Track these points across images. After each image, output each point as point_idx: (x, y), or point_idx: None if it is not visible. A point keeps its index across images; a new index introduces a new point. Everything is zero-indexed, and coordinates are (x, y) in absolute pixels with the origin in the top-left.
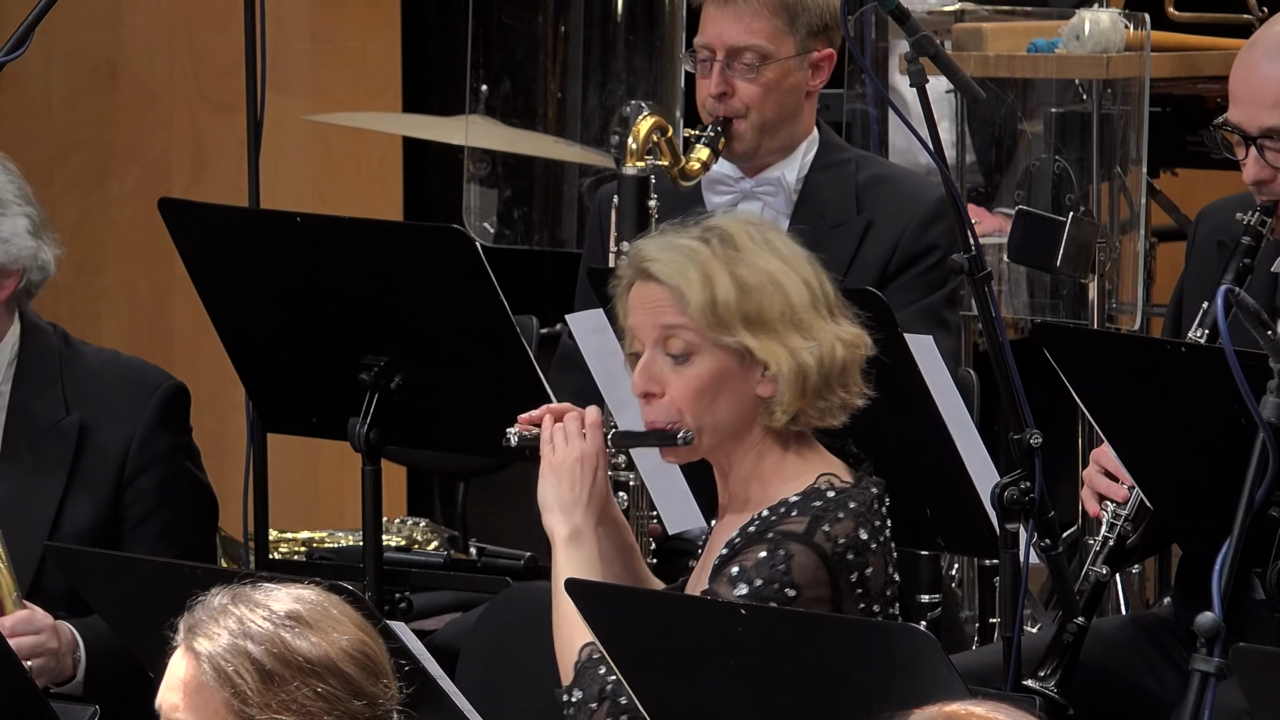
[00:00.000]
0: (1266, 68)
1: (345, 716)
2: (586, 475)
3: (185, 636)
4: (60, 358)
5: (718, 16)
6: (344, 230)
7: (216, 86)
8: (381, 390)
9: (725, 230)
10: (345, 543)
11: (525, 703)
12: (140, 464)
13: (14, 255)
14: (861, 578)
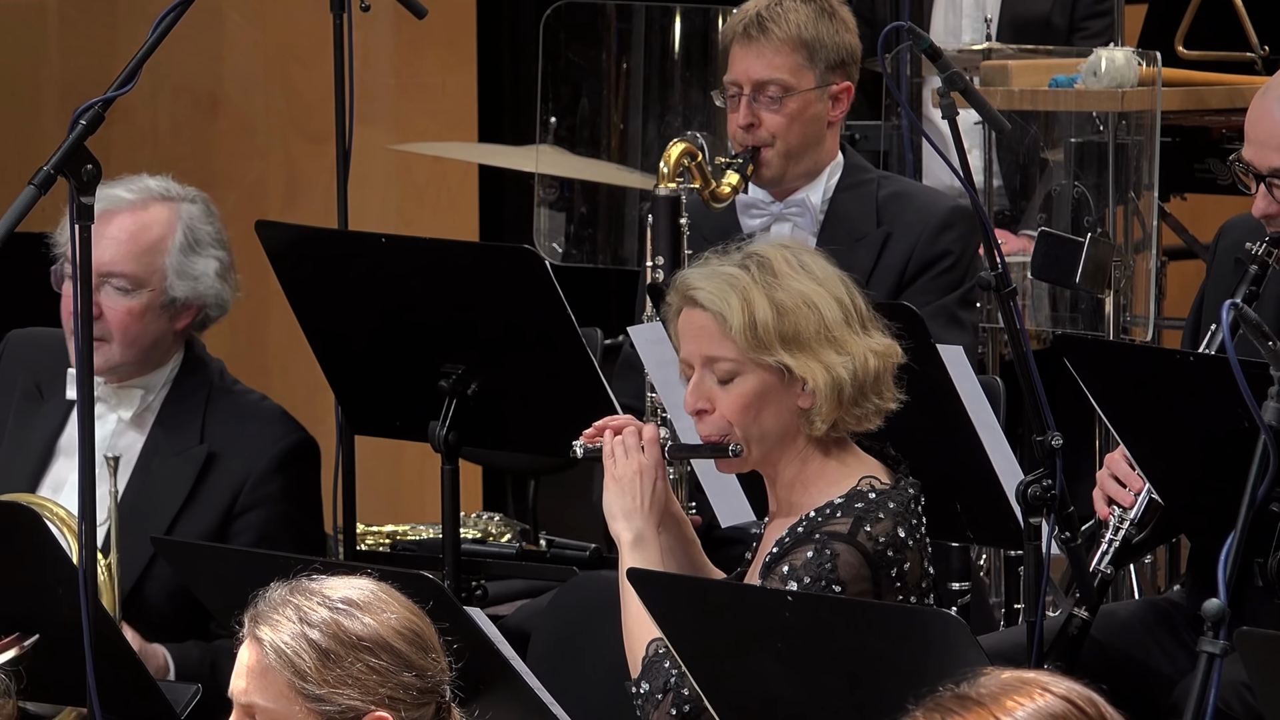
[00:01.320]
0: (1278, 112)
1: (398, 688)
2: (646, 485)
3: (250, 626)
4: (211, 392)
5: (743, 54)
6: (425, 250)
7: (308, 118)
8: (459, 396)
9: (763, 257)
10: (426, 535)
11: (589, 680)
12: (250, 501)
13: (199, 293)
14: (900, 572)
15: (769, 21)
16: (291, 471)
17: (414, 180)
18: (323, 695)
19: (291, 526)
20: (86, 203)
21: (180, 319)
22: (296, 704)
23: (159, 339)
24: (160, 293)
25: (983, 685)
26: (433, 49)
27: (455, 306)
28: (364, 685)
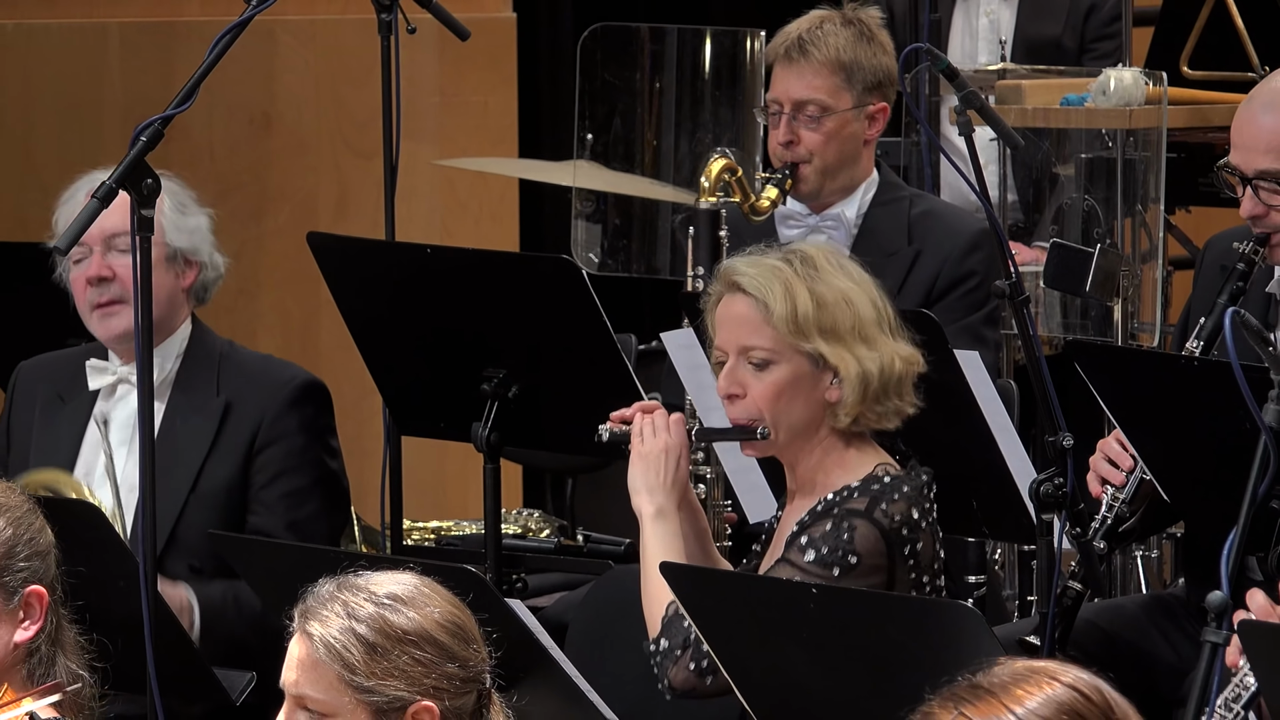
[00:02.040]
0: (1262, 118)
1: (442, 678)
2: (670, 463)
3: (299, 622)
4: (221, 356)
5: (784, 75)
6: (468, 260)
7: (357, 135)
8: (500, 398)
9: (806, 253)
10: (469, 531)
11: (624, 668)
12: (269, 438)
13: (196, 246)
14: (914, 551)
15: (810, 44)
16: (306, 408)
17: (457, 194)
18: (371, 687)
19: (310, 460)
20: (146, 215)
21: (185, 276)
22: (346, 695)
23: (171, 296)
24: (163, 246)
25: (994, 675)
26: (475, 69)
27: (497, 313)
28: (410, 677)
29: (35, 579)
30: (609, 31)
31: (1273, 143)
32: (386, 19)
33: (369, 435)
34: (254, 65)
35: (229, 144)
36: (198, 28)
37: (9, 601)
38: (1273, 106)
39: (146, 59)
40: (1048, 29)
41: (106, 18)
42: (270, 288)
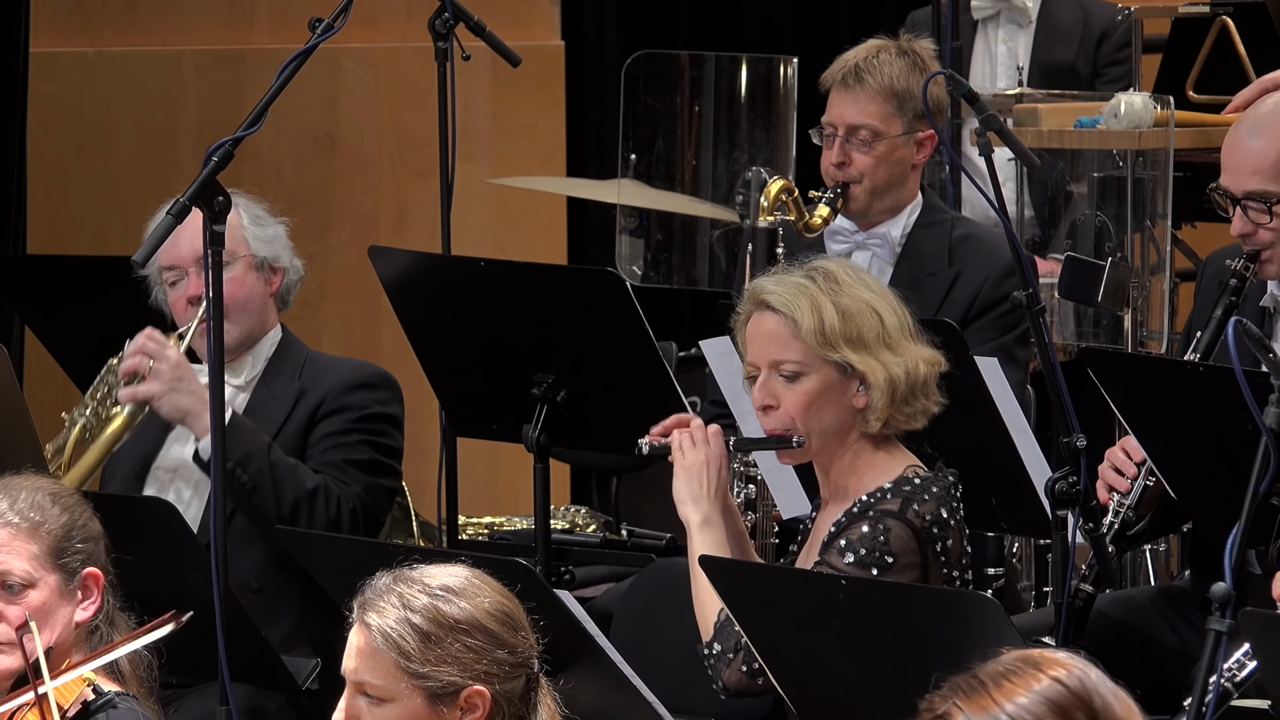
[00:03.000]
0: (1249, 142)
1: (492, 664)
2: (712, 474)
3: (358, 613)
4: (306, 356)
5: (839, 100)
6: (519, 272)
7: (415, 156)
8: (549, 402)
9: (827, 268)
10: (520, 526)
11: (666, 655)
12: (329, 409)
13: (278, 253)
14: (944, 548)
15: (865, 72)
16: (367, 393)
17: (509, 210)
18: (425, 673)
19: (363, 429)
20: (218, 230)
21: (272, 281)
22: (403, 681)
23: (262, 303)
24: (251, 258)
25: (989, 668)
26: (526, 94)
27: (546, 322)
28: (462, 663)
29: (91, 561)
30: (651, 58)
31: (1259, 165)
32: (443, 47)
33: (426, 436)
34: (319, 90)
35: (295, 163)
36: (266, 55)
37: (69, 582)
38: (1258, 131)
39: (219, 84)
40: (1062, 55)
41: (182, 45)
42: (334, 298)
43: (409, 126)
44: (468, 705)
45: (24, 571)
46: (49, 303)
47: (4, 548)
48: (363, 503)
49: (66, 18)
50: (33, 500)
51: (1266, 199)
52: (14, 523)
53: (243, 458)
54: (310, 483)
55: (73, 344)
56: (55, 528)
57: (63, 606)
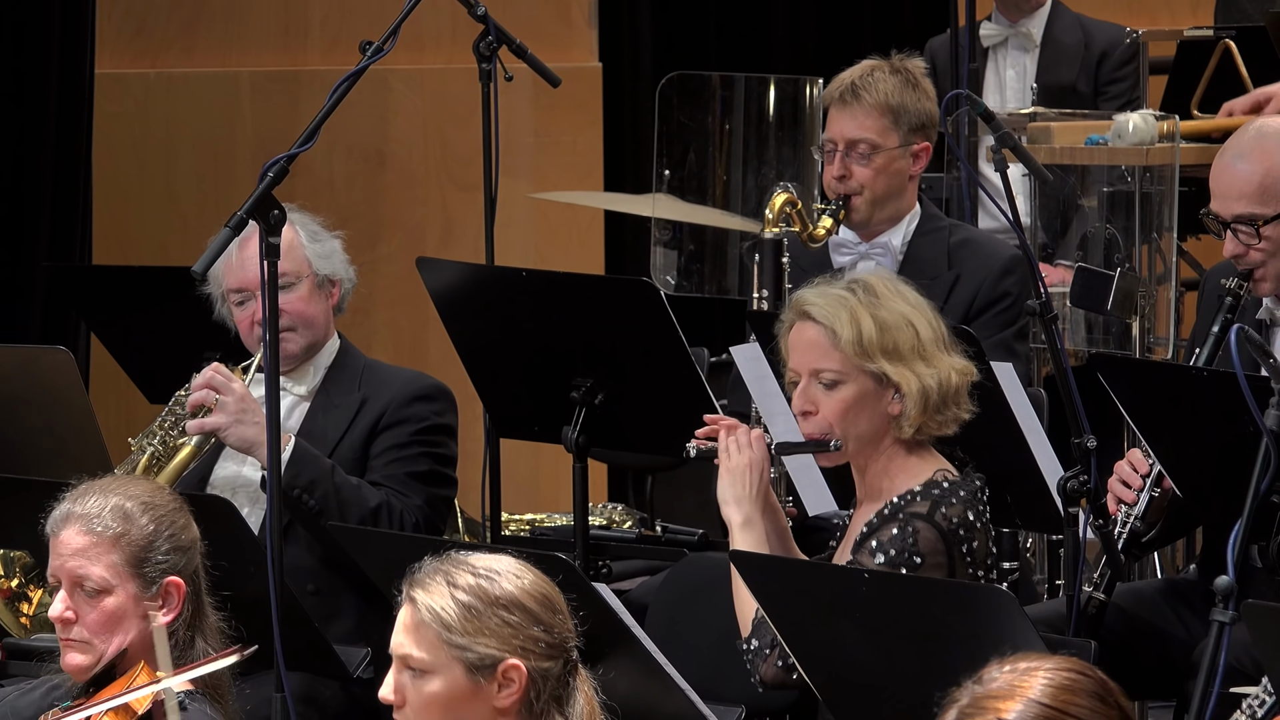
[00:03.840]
0: (1235, 167)
1: (529, 640)
2: (754, 476)
3: (406, 591)
4: (364, 365)
5: (838, 116)
6: (559, 282)
7: (461, 171)
8: (588, 405)
9: (868, 282)
10: (560, 522)
11: (698, 644)
12: (389, 421)
13: (336, 268)
14: (970, 549)
15: (861, 89)
16: (425, 405)
17: (549, 223)
18: (464, 644)
19: (422, 441)
20: (274, 242)
21: (331, 295)
22: (443, 652)
23: (325, 317)
24: (313, 276)
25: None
26: (565, 112)
27: (584, 329)
28: (499, 636)
29: (174, 571)
30: (684, 79)
31: (1245, 189)
32: (487, 68)
33: (471, 438)
34: (369, 109)
35: (347, 179)
36: (319, 76)
37: (148, 590)
38: (1243, 156)
39: (274, 103)
40: (1065, 76)
41: (239, 67)
42: (383, 307)
43: (454, 144)
44: (504, 679)
45: (100, 578)
46: (113, 311)
47: (85, 553)
48: (424, 514)
49: (129, 40)
50: (121, 509)
51: (1254, 221)
52: (98, 530)
53: (308, 484)
54: (373, 500)
55: (135, 349)
56: (138, 538)
57: (139, 612)
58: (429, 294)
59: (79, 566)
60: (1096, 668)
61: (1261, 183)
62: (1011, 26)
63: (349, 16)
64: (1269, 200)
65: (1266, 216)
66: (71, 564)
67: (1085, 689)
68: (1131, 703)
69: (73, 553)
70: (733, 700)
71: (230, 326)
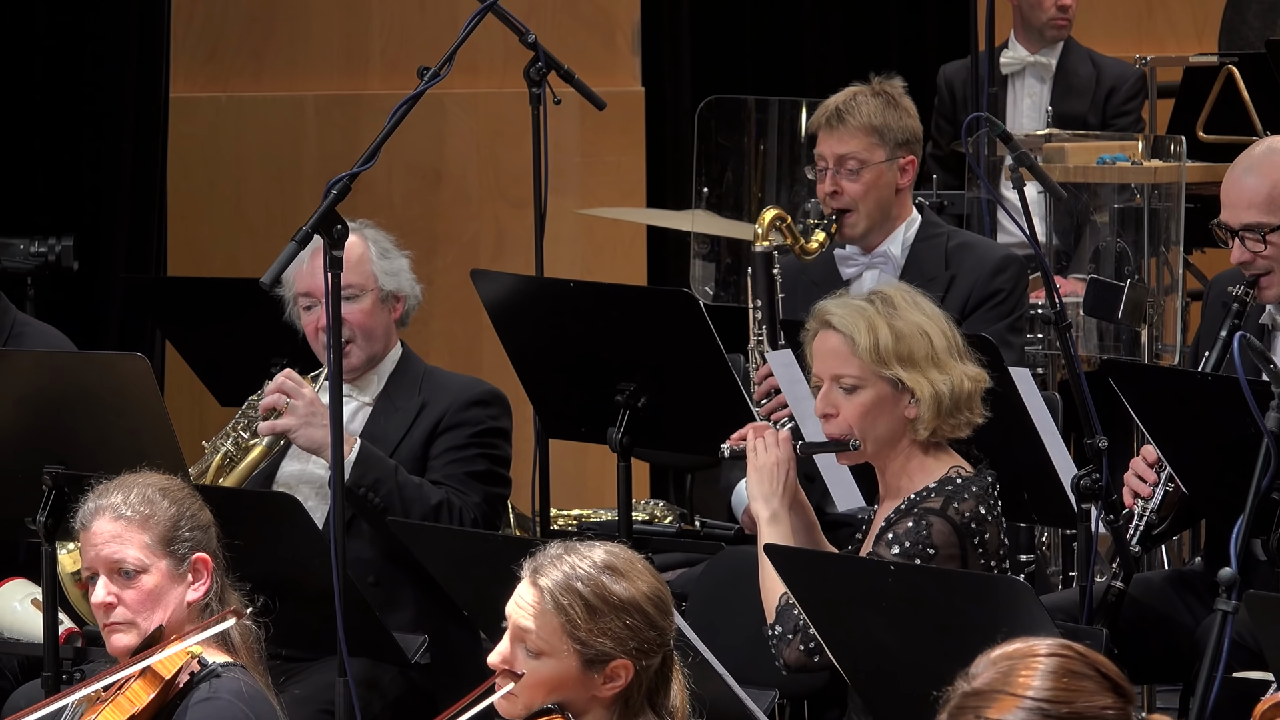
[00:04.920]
0: (1244, 180)
1: (643, 643)
2: (781, 474)
3: (530, 574)
4: (424, 372)
5: (827, 136)
6: (604, 292)
7: (512, 189)
8: (631, 408)
9: (885, 294)
10: (605, 517)
11: (734, 631)
12: (449, 424)
13: (402, 284)
14: (982, 541)
15: (845, 113)
16: (482, 409)
17: (595, 238)
18: (586, 641)
19: (479, 449)
20: (337, 255)
21: (395, 309)
22: (565, 643)
23: (387, 330)
24: (378, 290)
25: (990, 673)
26: (610, 134)
27: (628, 337)
28: (619, 638)
29: (200, 547)
30: (722, 103)
31: (1253, 200)
32: (536, 92)
33: (522, 438)
34: (426, 130)
35: (405, 196)
36: (379, 99)
37: (179, 566)
38: (1252, 170)
39: (337, 125)
40: (1076, 107)
41: (304, 91)
42: (439, 316)
43: (506, 163)
44: (612, 674)
45: (136, 559)
46: (186, 319)
47: (119, 538)
48: (482, 511)
49: (202, 66)
50: (143, 495)
51: (1261, 230)
52: (126, 515)
53: (373, 483)
54: (435, 498)
55: (207, 355)
56: (164, 518)
57: (174, 588)
58: (482, 304)
59: (115, 551)
60: (1081, 645)
61: (1269, 194)
62: (1030, 56)
63: (408, 44)
64: (1275, 210)
65: (1272, 225)
66: (107, 550)
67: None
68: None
69: (106, 540)
70: (767, 684)
71: (299, 329)
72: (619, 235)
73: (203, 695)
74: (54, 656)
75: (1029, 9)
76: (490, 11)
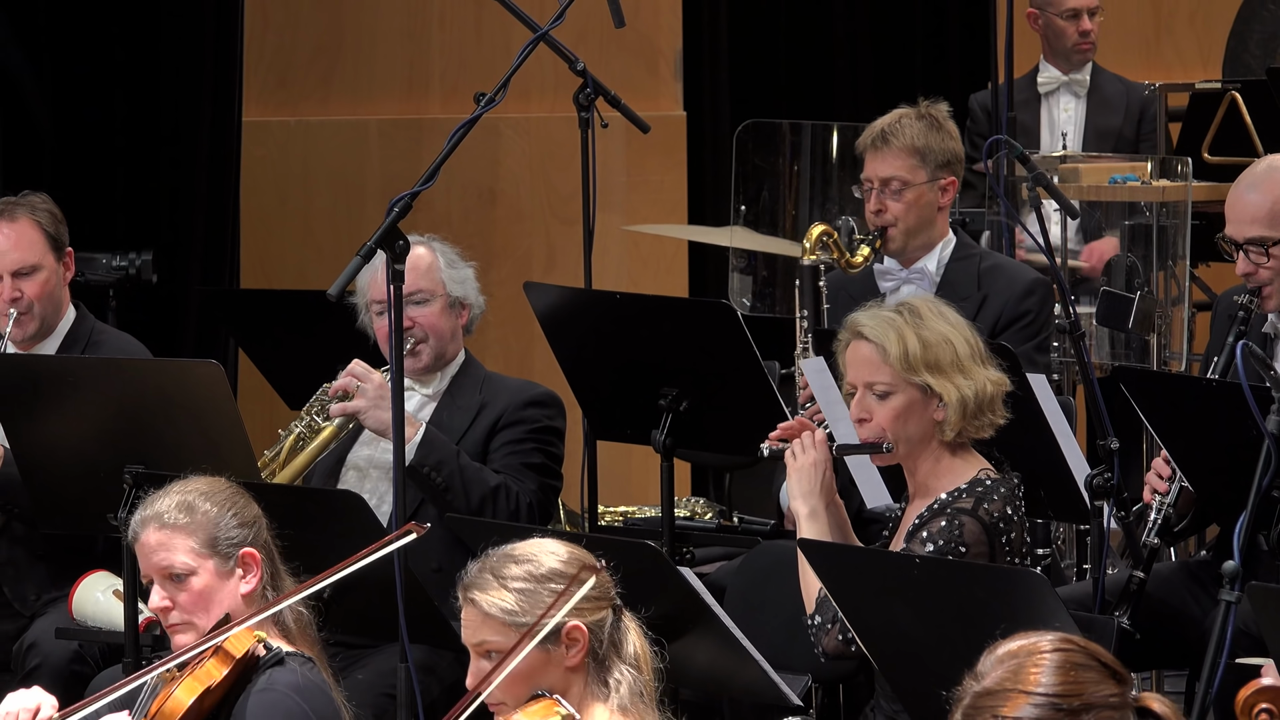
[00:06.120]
0: (1247, 196)
1: (581, 602)
2: (818, 473)
3: (463, 594)
4: (485, 375)
5: (873, 158)
6: (648, 303)
7: (562, 207)
8: (673, 411)
9: (913, 305)
10: (649, 514)
11: (770, 621)
12: (507, 422)
13: (468, 292)
14: (1009, 540)
15: (890, 135)
16: (538, 409)
17: (640, 252)
18: (527, 622)
19: (534, 444)
20: (399, 269)
21: (461, 315)
22: (514, 636)
23: (453, 333)
24: (446, 296)
25: (998, 671)
26: (654, 155)
27: (670, 345)
28: (543, 604)
29: (247, 543)
30: (758, 127)
31: (1256, 215)
32: (585, 116)
33: (571, 439)
34: (482, 152)
35: (463, 214)
36: (439, 123)
37: (225, 563)
38: (1255, 187)
39: (399, 147)
40: (1112, 121)
41: (368, 116)
42: (495, 325)
43: (557, 183)
44: (569, 640)
45: (184, 563)
46: (258, 328)
47: (165, 545)
48: (537, 498)
49: (273, 93)
50: (184, 501)
51: (1264, 243)
52: (169, 523)
53: (437, 463)
54: (493, 481)
55: (277, 362)
56: (206, 521)
57: (225, 584)
58: (535, 314)
59: (162, 559)
60: (1081, 638)
61: (1271, 209)
62: (1064, 76)
63: (465, 71)
64: (1276, 225)
65: (1274, 239)
66: (156, 558)
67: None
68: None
69: (154, 548)
70: (800, 670)
71: (370, 335)
72: (662, 250)
73: (261, 685)
74: (134, 643)
75: (1054, 36)
76: (542, 41)
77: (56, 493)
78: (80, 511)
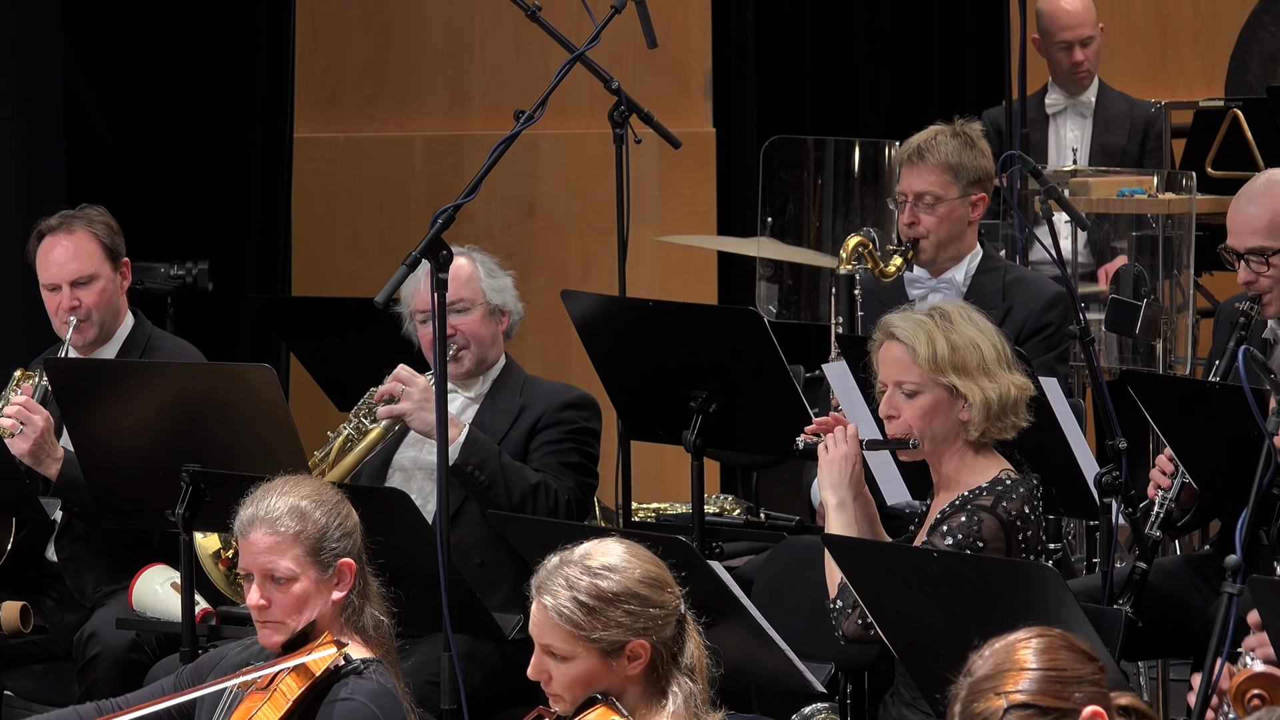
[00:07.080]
0: (1247, 208)
1: (648, 621)
2: (848, 467)
3: (535, 593)
4: (525, 379)
5: (908, 173)
6: (679, 311)
7: (598, 218)
8: (703, 413)
9: (944, 309)
10: (680, 510)
11: (795, 612)
12: (546, 423)
13: (507, 300)
14: (1025, 538)
15: (926, 151)
16: (577, 411)
17: (672, 262)
18: (595, 637)
19: (573, 445)
20: (442, 278)
21: (502, 322)
22: (579, 645)
23: (494, 339)
24: (486, 305)
25: (993, 662)
26: (685, 169)
27: (700, 350)
28: (623, 625)
29: (346, 553)
30: (784, 142)
31: (1256, 226)
32: (619, 133)
33: (606, 439)
34: (521, 166)
35: (503, 225)
36: (480, 139)
37: (325, 572)
38: (1255, 200)
39: (442, 161)
40: (1116, 140)
41: (413, 132)
42: (533, 332)
43: (593, 196)
44: (632, 654)
45: (288, 569)
46: (309, 334)
47: (273, 550)
48: (575, 495)
49: (322, 110)
50: (296, 508)
51: (1263, 253)
52: (281, 530)
53: (480, 462)
54: (534, 479)
55: (327, 367)
56: (315, 531)
57: (321, 592)
58: (572, 321)
59: (268, 562)
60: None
61: (1270, 221)
62: (1070, 98)
63: (505, 89)
64: (1276, 235)
65: (1274, 249)
66: (261, 560)
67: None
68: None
69: (262, 551)
70: (824, 659)
71: (414, 343)
72: (692, 260)
73: (342, 695)
74: (190, 634)
75: (1053, 66)
76: (579, 61)
77: (116, 490)
78: (139, 509)
